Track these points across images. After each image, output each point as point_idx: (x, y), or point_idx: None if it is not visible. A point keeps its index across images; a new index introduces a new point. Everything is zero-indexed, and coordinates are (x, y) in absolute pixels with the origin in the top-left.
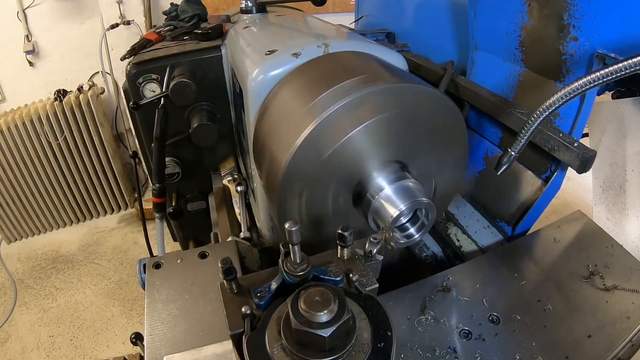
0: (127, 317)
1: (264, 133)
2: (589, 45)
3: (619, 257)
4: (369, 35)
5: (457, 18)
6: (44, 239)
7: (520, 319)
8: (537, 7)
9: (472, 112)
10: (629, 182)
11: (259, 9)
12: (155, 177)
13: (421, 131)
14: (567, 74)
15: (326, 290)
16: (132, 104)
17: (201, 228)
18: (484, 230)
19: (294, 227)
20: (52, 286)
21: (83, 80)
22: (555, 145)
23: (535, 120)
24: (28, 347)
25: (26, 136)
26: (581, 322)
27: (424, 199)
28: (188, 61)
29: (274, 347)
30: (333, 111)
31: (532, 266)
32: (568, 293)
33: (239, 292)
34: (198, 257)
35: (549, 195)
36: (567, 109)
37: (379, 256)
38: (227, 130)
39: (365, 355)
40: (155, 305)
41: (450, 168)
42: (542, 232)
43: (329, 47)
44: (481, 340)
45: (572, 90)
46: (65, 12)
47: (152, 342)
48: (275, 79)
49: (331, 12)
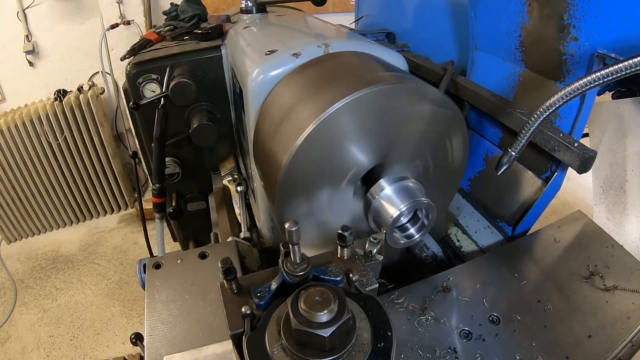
0: (127, 317)
1: (264, 133)
2: (589, 46)
3: (619, 258)
4: (369, 35)
5: (457, 18)
6: (44, 239)
7: (520, 319)
8: (537, 7)
9: (472, 112)
10: (629, 182)
11: (259, 9)
12: (155, 177)
13: (422, 132)
14: (568, 74)
15: (326, 290)
16: (132, 104)
17: (201, 228)
18: (484, 230)
19: (294, 227)
20: (52, 286)
21: (83, 80)
22: (555, 145)
23: (535, 121)
24: (28, 347)
25: (26, 136)
26: (581, 323)
27: (424, 199)
28: (188, 61)
29: (274, 347)
30: (333, 111)
31: (532, 266)
32: (568, 293)
33: (239, 292)
34: (198, 258)
35: (549, 196)
36: (568, 109)
37: (379, 256)
38: (227, 130)
39: (365, 355)
40: (155, 305)
41: (451, 169)
42: (542, 233)
43: (329, 47)
44: (481, 340)
45: (573, 90)
46: (65, 12)
47: (152, 342)
48: (276, 79)
49: (331, 12)
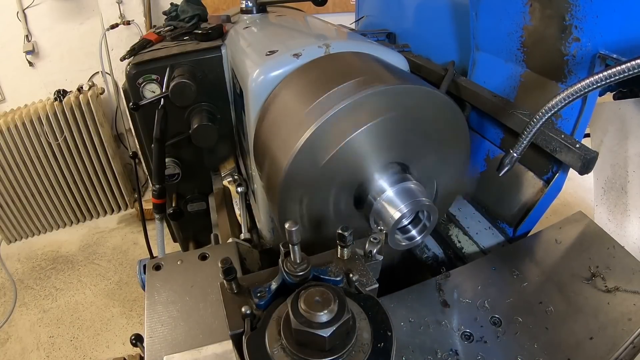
0: (127, 318)
1: (265, 134)
2: (591, 46)
3: (621, 259)
4: (370, 35)
5: (458, 18)
6: (43, 239)
7: (522, 321)
8: (539, 7)
9: (473, 113)
10: (631, 183)
11: (260, 9)
12: (155, 178)
13: (423, 133)
14: (569, 74)
15: (326, 290)
16: (132, 104)
17: (201, 229)
18: (485, 231)
19: (294, 227)
20: (52, 286)
21: (83, 81)
22: (557, 146)
23: (537, 122)
24: (28, 348)
25: (26, 136)
26: (583, 324)
27: (425, 200)
28: (188, 61)
29: (274, 347)
30: (334, 113)
31: (533, 268)
32: (570, 295)
33: (239, 292)
34: (198, 259)
35: (550, 197)
36: (569, 110)
37: (379, 256)
38: (227, 130)
39: (365, 355)
40: (156, 307)
41: (452, 169)
42: (543, 234)
43: (330, 47)
44: (483, 342)
45: (575, 91)
46: (65, 12)
47: (152, 344)
48: (276, 80)
49: (331, 12)
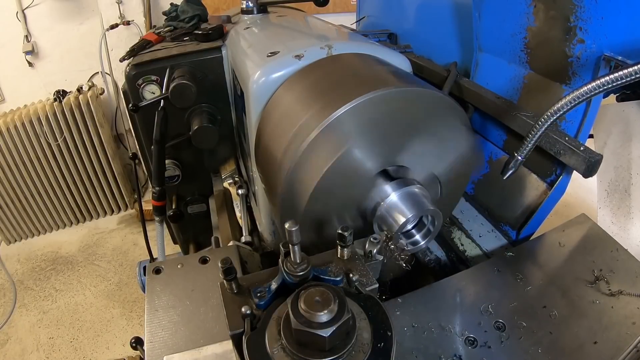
0: (127, 319)
1: (267, 137)
2: (595, 48)
3: (624, 262)
4: (371, 36)
5: (461, 19)
6: (43, 240)
7: (526, 326)
8: (543, 8)
9: (476, 115)
10: (634, 185)
11: (260, 9)
12: (155, 180)
13: (427, 134)
14: (573, 76)
15: (326, 290)
16: (132, 105)
17: (202, 230)
18: (488, 234)
19: (294, 227)
20: (52, 287)
21: (83, 81)
22: (561, 149)
23: (542, 125)
24: (28, 349)
25: (26, 137)
26: (587, 328)
27: (430, 205)
28: (188, 62)
29: (274, 347)
30: (338, 116)
31: (536, 271)
32: (573, 298)
33: (239, 292)
34: (199, 262)
35: (553, 199)
36: (573, 112)
37: (379, 256)
38: (227, 132)
39: (365, 355)
40: (156, 311)
41: (456, 170)
42: (546, 237)
43: (332, 48)
44: (487, 347)
45: (581, 94)
46: (64, 12)
47: (152, 349)
48: (278, 82)
49: (332, 12)
